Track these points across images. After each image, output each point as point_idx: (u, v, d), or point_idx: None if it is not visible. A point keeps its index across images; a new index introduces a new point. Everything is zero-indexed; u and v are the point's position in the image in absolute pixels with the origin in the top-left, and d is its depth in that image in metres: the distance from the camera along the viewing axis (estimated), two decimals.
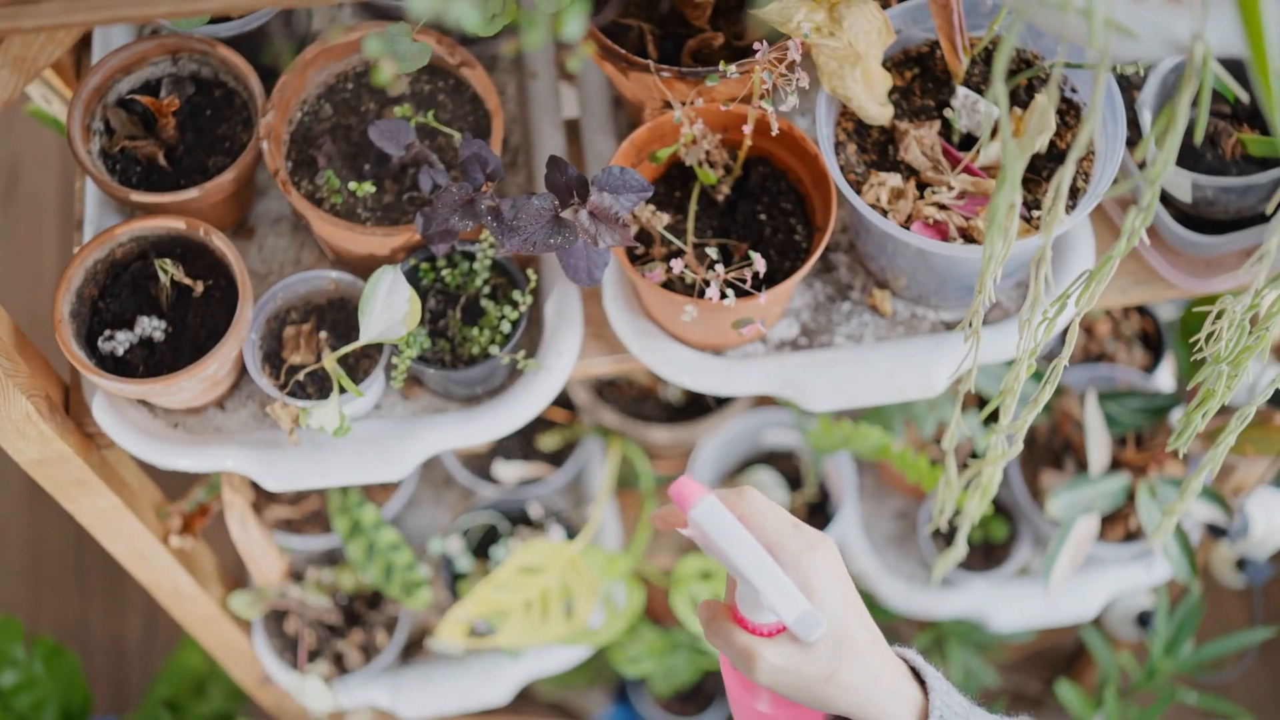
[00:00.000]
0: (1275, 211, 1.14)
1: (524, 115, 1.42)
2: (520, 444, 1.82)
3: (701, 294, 1.20)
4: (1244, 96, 0.93)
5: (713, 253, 1.23)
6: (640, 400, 1.79)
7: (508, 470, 1.76)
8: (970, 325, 1.07)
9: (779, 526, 0.86)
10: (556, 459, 1.81)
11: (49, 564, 2.61)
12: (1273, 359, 1.62)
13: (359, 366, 1.28)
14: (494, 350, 1.24)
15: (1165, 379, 1.84)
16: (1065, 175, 0.87)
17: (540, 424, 1.81)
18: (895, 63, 1.28)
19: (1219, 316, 1.03)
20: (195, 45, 1.31)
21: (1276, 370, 1.15)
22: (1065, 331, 1.84)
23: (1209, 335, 1.05)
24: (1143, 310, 1.88)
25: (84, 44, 1.44)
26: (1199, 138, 0.78)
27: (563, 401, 1.82)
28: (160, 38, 1.30)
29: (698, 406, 1.80)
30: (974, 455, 1.77)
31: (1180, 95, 0.80)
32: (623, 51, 1.22)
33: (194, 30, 1.31)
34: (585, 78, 1.42)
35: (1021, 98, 1.26)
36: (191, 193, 1.25)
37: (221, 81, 1.32)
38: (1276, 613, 2.52)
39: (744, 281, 1.20)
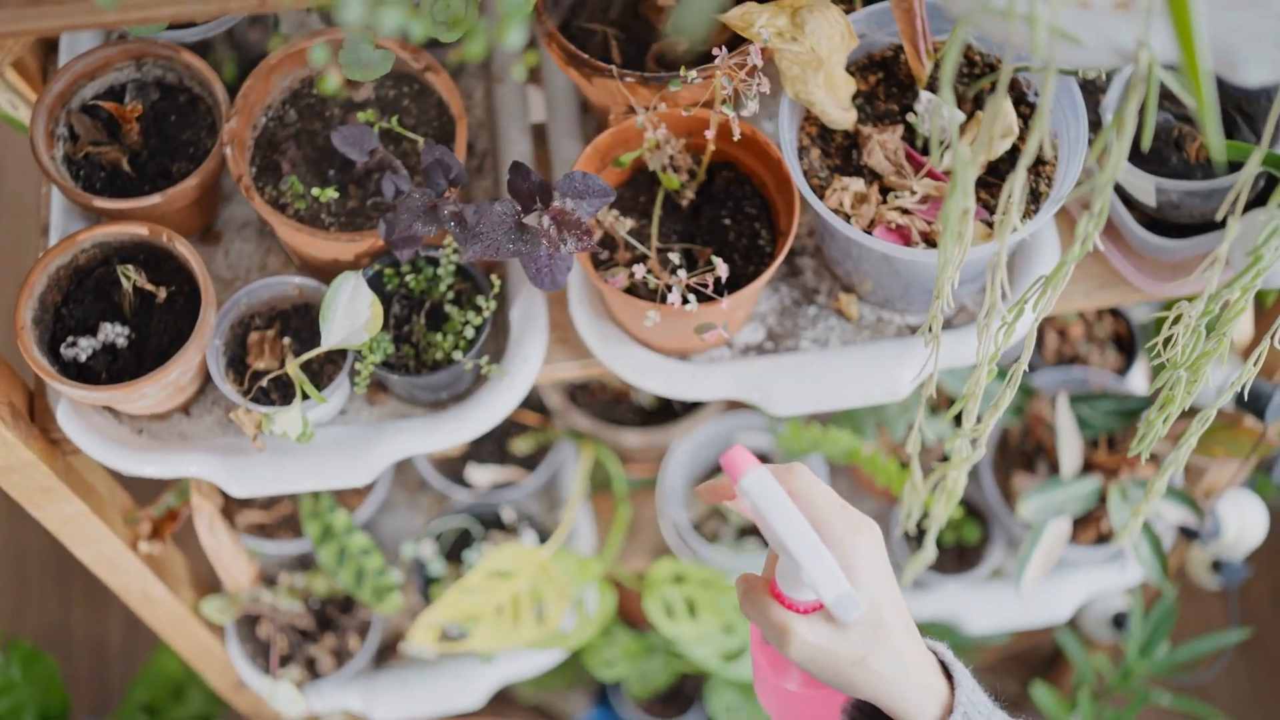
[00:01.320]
0: (1225, 219, 1.14)
1: (491, 120, 1.42)
2: (493, 448, 1.82)
3: (664, 299, 1.20)
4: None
5: (675, 258, 1.23)
6: (613, 404, 1.79)
7: (481, 474, 1.76)
8: (930, 330, 1.07)
9: (827, 505, 0.86)
10: (530, 462, 1.80)
11: (30, 567, 2.60)
12: (1238, 362, 1.63)
13: (323, 372, 1.28)
14: (458, 356, 1.24)
15: (1138, 381, 1.84)
16: (1017, 183, 0.87)
17: (513, 427, 1.81)
18: (859, 67, 1.28)
19: (1176, 322, 1.03)
20: (159, 51, 1.30)
21: (1251, 369, 1.15)
22: (1037, 335, 1.85)
23: (1166, 340, 1.05)
24: (1116, 312, 1.88)
25: (51, 49, 1.44)
26: (1146, 144, 0.78)
27: (536, 405, 1.82)
28: (124, 43, 1.30)
29: (671, 410, 1.80)
30: (945, 458, 1.77)
31: (1127, 103, 0.81)
32: (585, 56, 1.22)
33: (158, 35, 1.31)
34: (552, 82, 1.42)
35: (986, 102, 1.26)
36: (154, 199, 1.24)
37: (186, 87, 1.32)
38: (1253, 613, 2.52)
39: (706, 286, 1.20)
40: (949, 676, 0.89)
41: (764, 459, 1.84)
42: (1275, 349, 1.07)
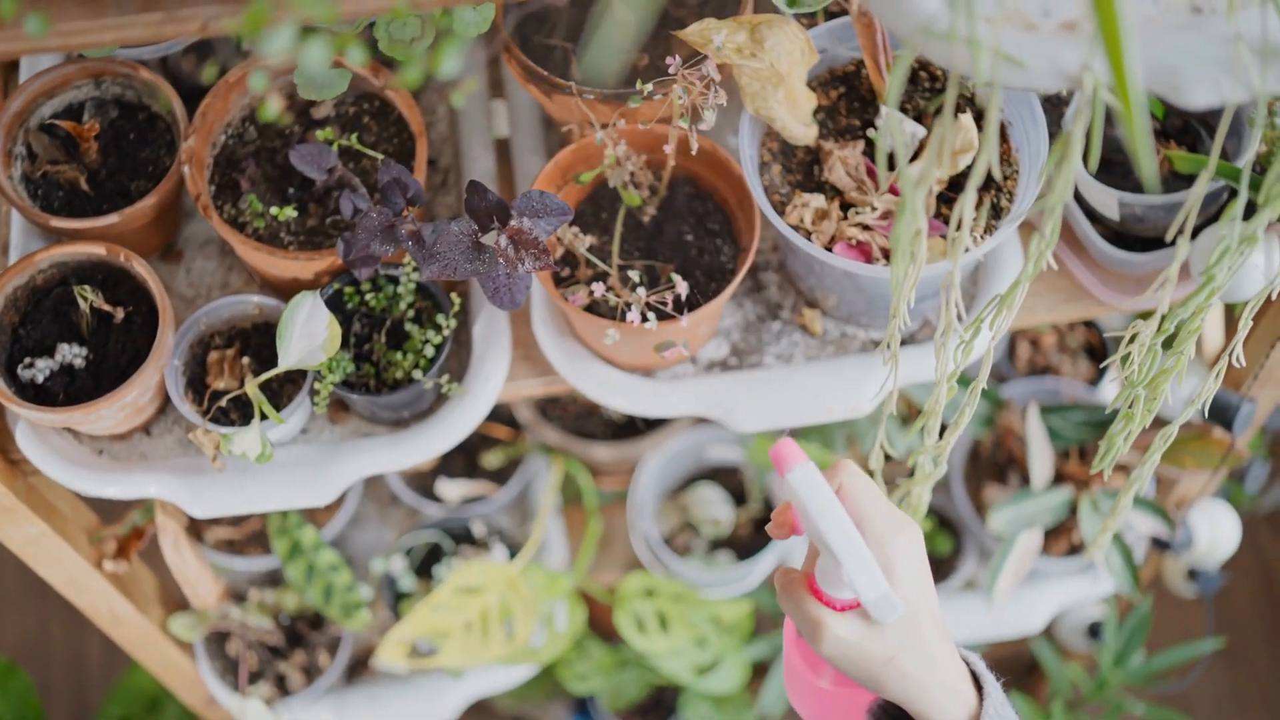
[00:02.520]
0: (1176, 238, 1.14)
1: (454, 135, 1.41)
2: (464, 462, 1.81)
3: (624, 317, 1.19)
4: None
5: (635, 275, 1.23)
6: (584, 417, 1.78)
7: (451, 489, 1.76)
8: (889, 348, 1.07)
9: (871, 502, 0.86)
10: (501, 476, 1.80)
11: (9, 580, 2.59)
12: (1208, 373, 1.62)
13: (283, 392, 1.27)
14: (418, 375, 1.24)
15: (1110, 391, 1.83)
16: (966, 204, 0.86)
17: (484, 441, 1.81)
18: (821, 82, 1.28)
19: (1132, 340, 1.03)
20: (118, 69, 1.30)
21: (1213, 384, 1.14)
22: (1009, 346, 1.84)
23: (1125, 358, 1.05)
24: (1089, 322, 1.88)
25: (11, 67, 1.43)
26: (1093, 166, 0.78)
27: (506, 419, 1.81)
28: (83, 61, 1.29)
29: (646, 421, 1.80)
30: (912, 472, 1.77)
31: (1075, 125, 0.80)
32: (544, 73, 1.22)
33: (117, 53, 1.30)
34: (515, 97, 1.41)
35: (934, 122, 1.25)
36: (112, 218, 1.24)
37: (145, 105, 1.31)
38: (1234, 620, 2.52)
39: (666, 304, 1.19)
40: (979, 688, 0.89)
41: (734, 471, 1.84)
42: (1242, 362, 1.07)
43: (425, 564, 1.76)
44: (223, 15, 0.77)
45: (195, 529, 1.68)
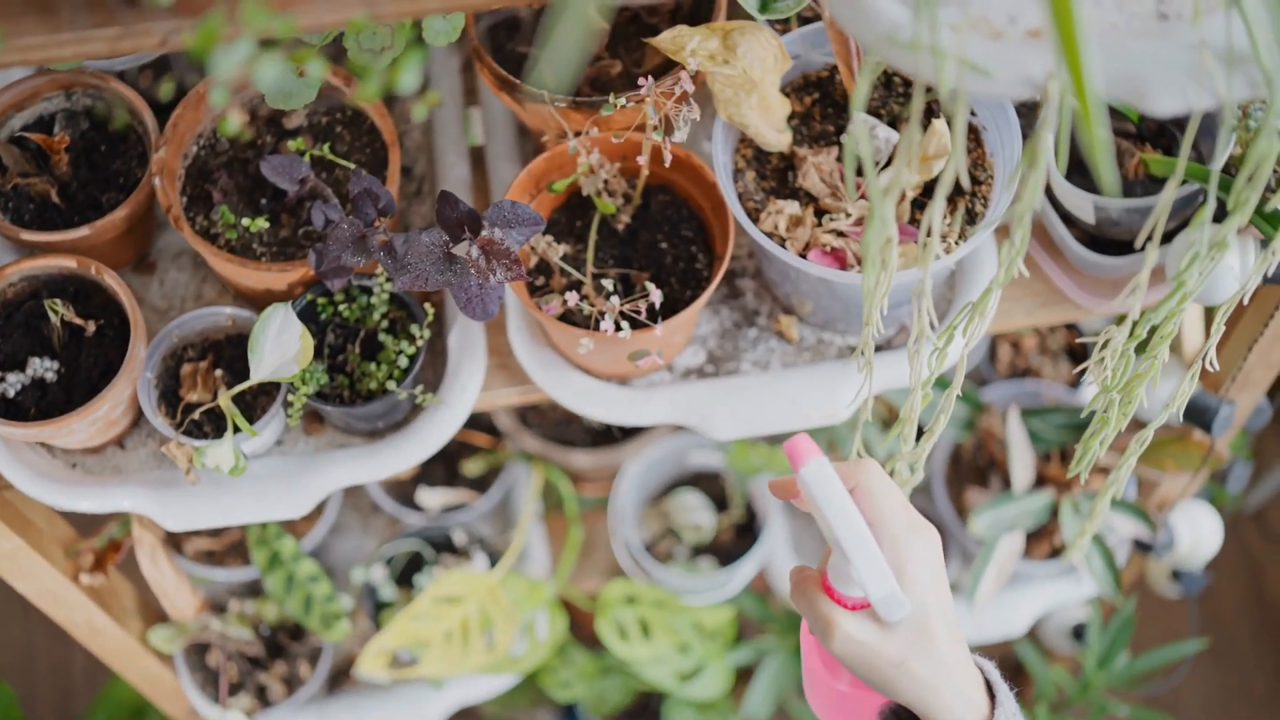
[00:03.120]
0: (1145, 243, 1.13)
1: (429, 144, 1.40)
2: (444, 470, 1.80)
3: (598, 326, 1.19)
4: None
5: (608, 284, 1.22)
6: (564, 424, 1.77)
7: (432, 497, 1.75)
8: (863, 355, 1.06)
9: (888, 502, 0.86)
10: (481, 484, 1.79)
11: None
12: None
13: (257, 404, 1.26)
14: (391, 385, 1.23)
15: (1091, 394, 1.83)
16: (935, 213, 0.86)
17: (464, 449, 1.80)
18: (795, 88, 1.27)
19: (1105, 345, 1.02)
20: (88, 80, 1.29)
21: (1188, 387, 1.14)
22: (990, 349, 1.84)
23: (1098, 363, 1.04)
24: (1071, 324, 1.88)
25: None
26: (1061, 168, 0.77)
27: (487, 426, 1.81)
28: (53, 73, 1.28)
29: (622, 430, 1.79)
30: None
31: (1041, 133, 0.80)
32: (517, 81, 1.21)
33: (87, 64, 1.29)
34: (489, 105, 1.41)
35: (902, 129, 1.25)
36: (83, 231, 1.23)
37: (116, 116, 1.30)
38: (1220, 620, 2.52)
39: (639, 313, 1.19)
40: (991, 696, 0.88)
41: (716, 477, 1.84)
42: (1215, 366, 1.06)
43: (406, 573, 1.75)
44: (182, 30, 0.77)
45: (174, 540, 1.67)
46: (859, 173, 1.24)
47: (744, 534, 1.80)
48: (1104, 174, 0.65)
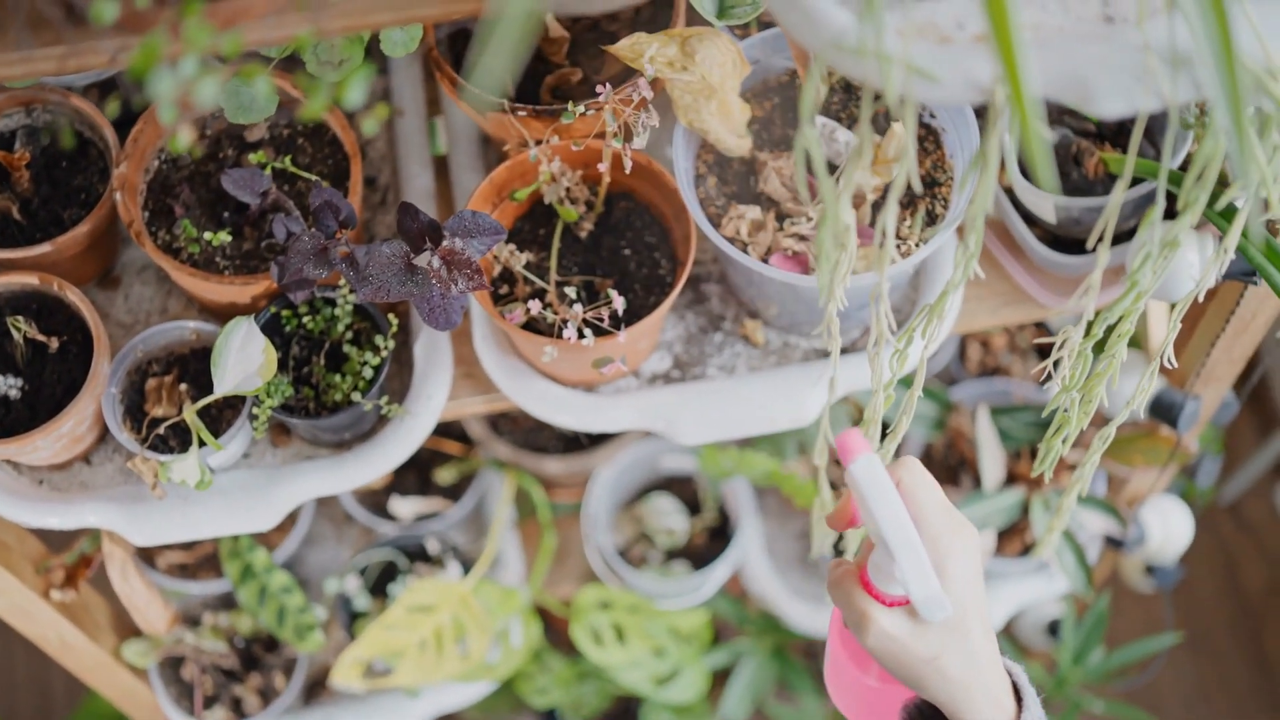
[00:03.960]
0: (1098, 244, 1.14)
1: (393, 154, 1.40)
2: (417, 478, 1.80)
3: (562, 334, 1.19)
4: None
5: (572, 291, 1.22)
6: (536, 431, 1.77)
7: (405, 506, 1.75)
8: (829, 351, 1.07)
9: (930, 501, 0.86)
10: (454, 492, 1.79)
11: None
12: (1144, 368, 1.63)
13: (223, 417, 1.26)
14: (356, 397, 1.23)
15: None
16: (889, 216, 0.86)
17: (437, 457, 1.80)
18: (755, 93, 1.28)
19: (1063, 345, 1.03)
20: (49, 96, 1.29)
21: (1147, 384, 1.14)
22: (959, 347, 1.84)
23: (1055, 363, 1.05)
24: (1040, 322, 1.88)
25: None
26: (1012, 172, 0.78)
27: (458, 434, 1.81)
28: (12, 90, 1.28)
29: (592, 435, 1.79)
30: None
31: (989, 138, 0.80)
32: (476, 90, 1.21)
33: (47, 80, 1.29)
34: (452, 115, 1.41)
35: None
36: (44, 247, 1.23)
37: (77, 131, 1.30)
38: (1196, 612, 2.53)
39: (602, 320, 1.19)
40: (1018, 700, 0.89)
41: (688, 480, 1.84)
42: (1173, 363, 1.07)
43: (380, 582, 1.75)
44: (130, 47, 0.77)
45: (147, 554, 1.66)
46: (810, 171, 1.24)
47: (717, 537, 1.80)
48: (1042, 173, 0.66)
